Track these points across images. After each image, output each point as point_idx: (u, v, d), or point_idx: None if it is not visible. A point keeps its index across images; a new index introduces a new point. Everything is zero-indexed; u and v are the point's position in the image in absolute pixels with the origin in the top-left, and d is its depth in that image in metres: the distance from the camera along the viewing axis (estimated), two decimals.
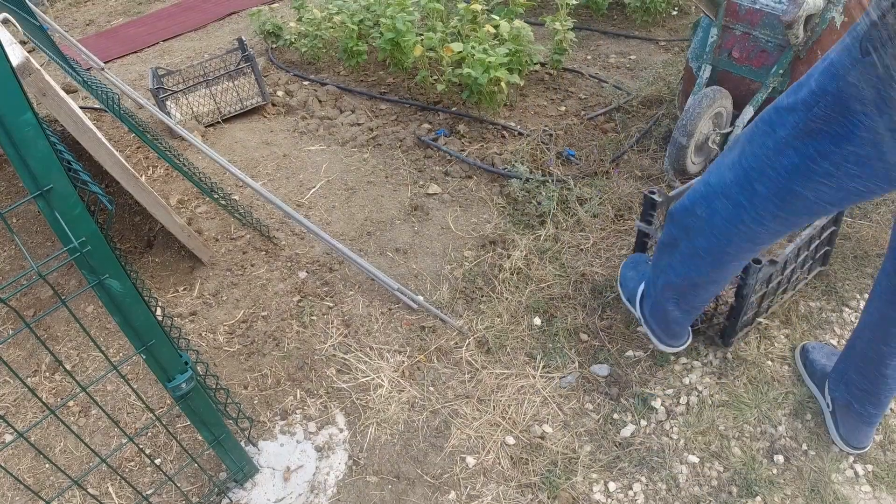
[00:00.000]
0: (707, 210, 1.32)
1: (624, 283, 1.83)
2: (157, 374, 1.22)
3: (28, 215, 2.65)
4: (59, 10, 5.64)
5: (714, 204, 1.30)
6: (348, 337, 1.94)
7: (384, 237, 2.31)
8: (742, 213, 1.24)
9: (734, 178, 1.24)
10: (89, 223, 0.98)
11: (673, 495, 1.48)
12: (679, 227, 1.42)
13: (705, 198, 1.32)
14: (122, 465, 1.68)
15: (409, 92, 3.21)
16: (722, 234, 1.30)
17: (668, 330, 1.64)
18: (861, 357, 1.42)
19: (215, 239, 2.38)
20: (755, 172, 1.19)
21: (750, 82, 2.22)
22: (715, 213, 1.30)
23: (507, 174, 2.48)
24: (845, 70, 1.00)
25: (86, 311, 2.15)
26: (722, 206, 1.28)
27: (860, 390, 1.44)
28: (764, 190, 1.19)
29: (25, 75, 1.56)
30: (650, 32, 3.54)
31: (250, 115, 3.18)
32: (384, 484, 1.57)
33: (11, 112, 0.85)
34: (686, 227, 1.39)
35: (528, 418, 1.67)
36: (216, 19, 4.73)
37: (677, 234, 1.43)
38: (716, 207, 1.29)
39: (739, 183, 1.23)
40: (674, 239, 1.45)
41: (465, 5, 2.93)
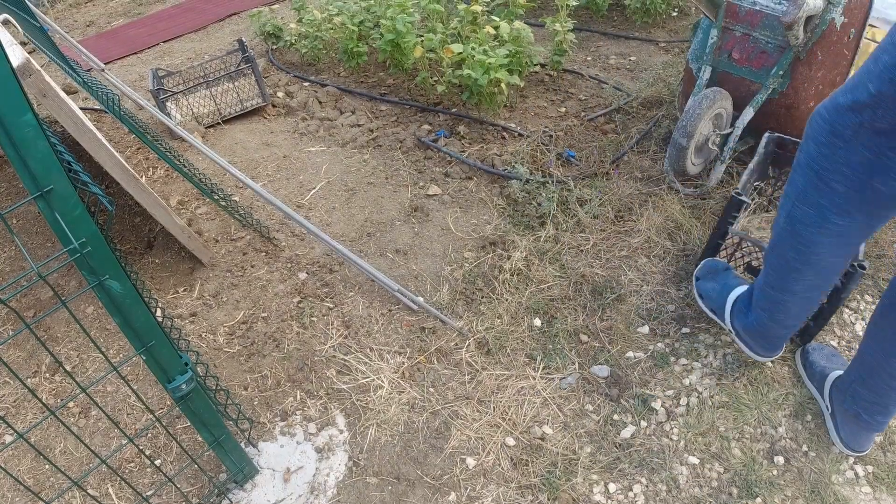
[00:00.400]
0: (787, 219, 1.31)
1: (706, 295, 1.78)
2: (157, 375, 1.22)
3: (28, 216, 2.65)
4: (59, 11, 5.64)
5: (793, 212, 1.29)
6: (348, 338, 1.94)
7: (384, 238, 2.31)
8: (825, 212, 1.23)
9: (808, 182, 1.24)
10: (89, 224, 0.98)
11: (673, 496, 1.47)
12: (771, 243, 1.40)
13: (783, 207, 1.32)
14: (122, 466, 1.68)
15: (409, 93, 3.22)
16: (809, 240, 1.29)
17: (766, 343, 1.61)
18: (869, 370, 1.40)
19: (215, 240, 2.38)
20: (827, 172, 1.19)
21: (750, 83, 2.22)
22: (796, 220, 1.29)
23: (508, 175, 2.48)
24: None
25: (86, 312, 2.15)
26: (802, 213, 1.27)
27: (869, 402, 1.42)
28: (841, 188, 1.19)
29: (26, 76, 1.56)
30: (650, 33, 3.54)
31: (250, 117, 3.18)
32: (384, 485, 1.56)
33: (12, 113, 0.85)
34: (772, 240, 1.38)
35: (528, 419, 1.67)
36: (216, 20, 4.73)
37: (766, 248, 1.42)
38: (796, 215, 1.28)
39: (814, 185, 1.22)
40: (765, 254, 1.43)
41: (465, 6, 2.93)
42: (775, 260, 1.40)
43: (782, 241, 1.35)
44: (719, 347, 1.77)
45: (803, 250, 1.31)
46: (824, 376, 1.58)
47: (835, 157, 1.18)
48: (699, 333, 1.82)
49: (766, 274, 1.45)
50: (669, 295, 1.94)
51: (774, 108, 2.21)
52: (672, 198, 2.26)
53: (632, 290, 1.98)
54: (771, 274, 1.43)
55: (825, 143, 1.19)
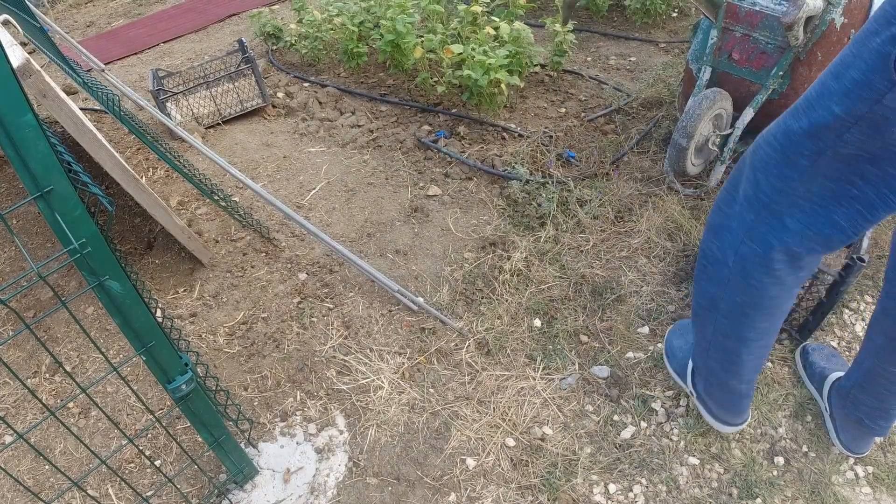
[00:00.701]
0: (737, 258, 1.17)
1: (671, 354, 1.66)
2: (157, 376, 1.22)
3: (28, 216, 2.65)
4: (59, 11, 5.64)
5: (741, 250, 1.15)
6: (348, 338, 1.94)
7: (384, 239, 2.31)
8: (775, 253, 1.11)
9: (757, 217, 1.10)
10: (89, 224, 0.98)
11: (673, 497, 1.47)
12: (713, 284, 1.26)
13: (731, 245, 1.17)
14: (121, 466, 1.68)
15: (409, 93, 3.22)
16: (760, 281, 1.16)
17: (728, 406, 1.47)
18: (868, 376, 1.35)
19: (215, 240, 2.38)
20: (780, 206, 1.06)
21: (750, 84, 2.22)
22: (745, 259, 1.15)
23: (508, 176, 2.48)
24: (879, 94, 0.89)
25: (86, 313, 2.15)
26: (750, 251, 1.13)
27: (870, 407, 1.38)
28: (797, 224, 1.06)
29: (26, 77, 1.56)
30: (650, 34, 3.54)
31: (250, 117, 3.18)
32: (384, 486, 1.56)
33: (12, 113, 0.85)
34: (719, 282, 1.24)
35: (528, 420, 1.67)
36: (216, 21, 4.73)
37: (714, 292, 1.27)
38: (744, 253, 1.15)
39: (765, 221, 1.10)
40: (711, 300, 1.29)
41: (465, 7, 2.93)
42: (724, 306, 1.25)
43: (730, 285, 1.21)
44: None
45: (755, 293, 1.18)
46: (824, 377, 1.58)
47: (789, 190, 1.05)
48: None
49: (714, 321, 1.30)
50: (669, 295, 1.94)
51: (774, 109, 2.21)
52: (672, 198, 2.26)
53: (632, 290, 1.98)
54: (720, 321, 1.29)
55: (776, 174, 1.06)
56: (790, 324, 1.75)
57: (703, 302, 1.32)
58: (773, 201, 1.08)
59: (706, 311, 1.32)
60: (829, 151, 0.98)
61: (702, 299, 1.33)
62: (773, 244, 1.10)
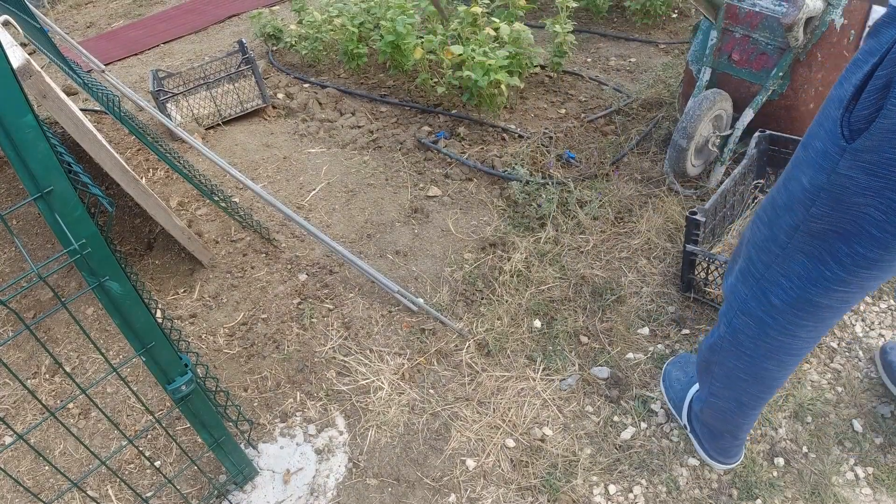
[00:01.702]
0: (728, 329, 1.18)
1: (669, 385, 1.63)
2: (156, 377, 1.22)
3: (28, 217, 2.65)
4: (59, 12, 5.65)
5: (734, 322, 1.16)
6: (348, 339, 1.94)
7: (384, 239, 2.31)
8: (767, 329, 1.10)
9: (749, 292, 1.10)
10: (89, 225, 0.98)
11: (673, 498, 1.47)
12: (708, 350, 1.28)
13: (725, 315, 1.19)
14: (121, 467, 1.68)
15: (409, 94, 3.22)
16: (752, 352, 1.16)
17: (720, 448, 1.47)
18: None
19: (215, 241, 2.38)
20: (767, 283, 1.06)
21: (750, 85, 2.23)
22: (738, 331, 1.16)
23: (508, 177, 2.48)
24: (833, 161, 0.86)
25: (86, 314, 2.15)
26: (743, 324, 1.14)
27: None
28: (780, 302, 1.05)
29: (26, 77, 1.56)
30: (650, 35, 3.54)
31: (251, 118, 3.18)
32: (384, 486, 1.56)
33: (12, 114, 0.85)
34: (712, 348, 1.25)
35: (528, 421, 1.67)
36: (216, 22, 4.74)
37: (708, 357, 1.29)
38: (737, 325, 1.16)
39: (756, 297, 1.09)
40: (706, 362, 1.31)
41: (465, 8, 2.94)
42: (718, 371, 1.27)
43: (723, 352, 1.22)
44: None
45: (748, 361, 1.19)
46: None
47: (773, 267, 1.04)
48: (699, 335, 1.82)
49: (709, 383, 1.32)
50: (669, 296, 1.94)
51: (774, 110, 2.21)
52: (672, 199, 2.26)
53: (632, 291, 1.98)
54: (714, 384, 1.30)
55: (763, 248, 1.04)
56: None
57: (700, 363, 1.35)
58: (762, 276, 1.07)
59: (703, 373, 1.35)
60: (803, 226, 0.95)
61: (700, 360, 1.35)
62: (766, 321, 1.10)
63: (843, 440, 1.53)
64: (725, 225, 2.00)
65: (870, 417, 1.57)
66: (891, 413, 1.57)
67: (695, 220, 1.77)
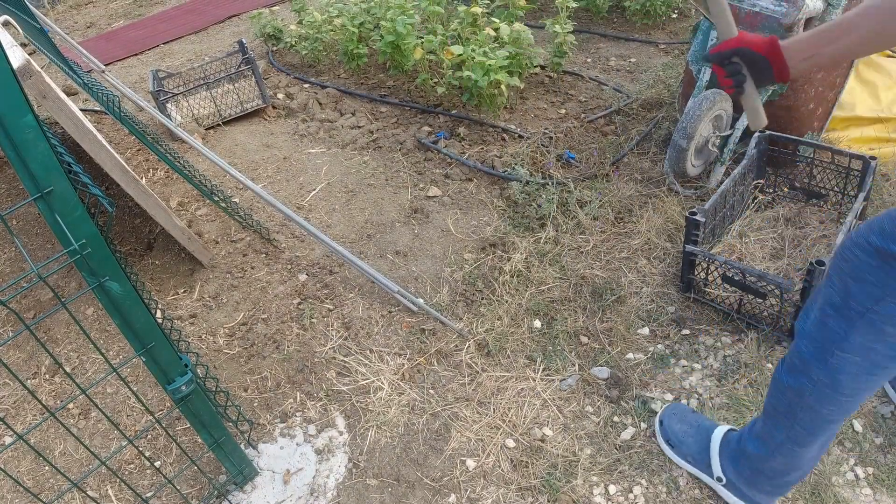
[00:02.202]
0: (825, 370, 1.10)
1: (675, 441, 1.52)
2: (156, 377, 1.22)
3: (28, 217, 2.66)
4: (59, 12, 5.65)
5: (832, 362, 1.09)
6: (348, 339, 1.94)
7: (384, 240, 2.31)
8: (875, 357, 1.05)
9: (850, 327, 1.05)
10: (89, 225, 0.98)
11: (673, 498, 1.47)
12: (792, 393, 1.19)
13: (815, 356, 1.11)
14: (121, 467, 1.68)
15: (409, 94, 3.22)
16: (853, 390, 1.10)
17: (773, 492, 1.38)
18: None
19: (215, 241, 2.38)
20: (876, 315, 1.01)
21: None
22: (838, 370, 1.09)
23: (508, 177, 2.48)
24: None
25: (86, 314, 2.15)
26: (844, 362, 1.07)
27: None
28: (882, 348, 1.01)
29: (26, 77, 1.56)
30: (650, 35, 3.54)
31: (251, 118, 3.18)
32: (384, 487, 1.56)
33: (12, 114, 0.85)
34: (799, 392, 1.17)
35: (528, 421, 1.67)
36: (216, 22, 4.74)
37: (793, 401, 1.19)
38: (836, 365, 1.08)
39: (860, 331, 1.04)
40: (789, 408, 1.21)
41: (465, 8, 2.94)
42: (805, 415, 1.18)
43: (816, 396, 1.14)
44: (719, 349, 1.77)
45: (845, 402, 1.12)
46: None
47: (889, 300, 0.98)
48: (699, 335, 1.82)
49: (789, 428, 1.23)
50: (669, 296, 1.94)
51: (774, 110, 2.21)
52: (672, 199, 2.26)
53: (632, 291, 1.98)
54: (796, 429, 1.21)
55: (874, 282, 0.98)
56: (781, 331, 1.76)
57: (778, 406, 1.24)
58: (868, 310, 1.00)
59: (783, 417, 1.24)
60: None
61: (777, 402, 1.25)
62: (876, 349, 1.03)
63: (843, 440, 1.53)
64: (725, 225, 2.00)
65: (870, 417, 1.57)
66: (891, 413, 1.57)
67: (695, 221, 1.77)
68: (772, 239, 1.95)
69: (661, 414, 1.59)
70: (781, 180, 2.12)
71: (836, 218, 2.01)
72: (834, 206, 2.04)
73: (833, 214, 2.03)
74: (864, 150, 2.24)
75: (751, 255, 1.90)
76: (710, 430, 1.47)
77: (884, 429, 1.54)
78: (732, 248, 1.93)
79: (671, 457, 1.53)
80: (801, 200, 2.09)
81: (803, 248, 1.91)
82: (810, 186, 2.05)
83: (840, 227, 1.73)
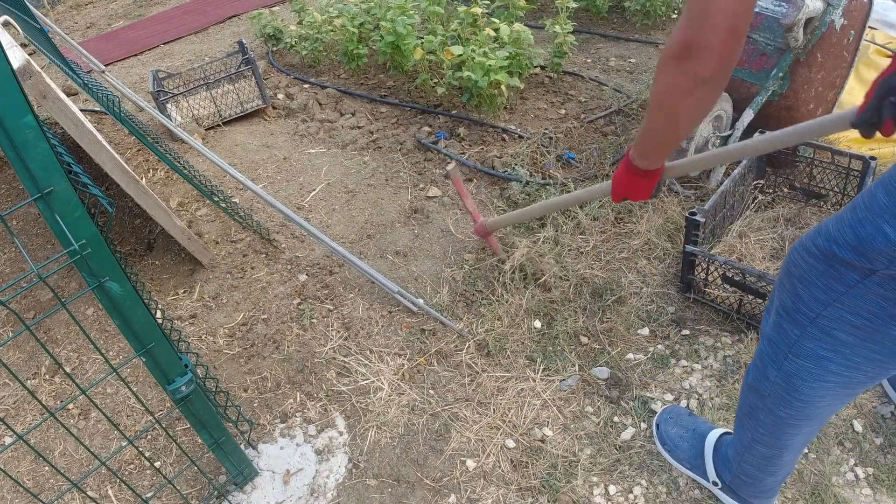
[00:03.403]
0: (780, 373, 1.10)
1: (671, 446, 1.53)
2: (156, 377, 1.22)
3: (28, 217, 2.66)
4: (59, 12, 5.65)
5: (786, 366, 1.08)
6: (348, 340, 1.94)
7: (384, 240, 2.31)
8: (827, 365, 1.02)
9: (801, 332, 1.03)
10: (89, 225, 0.98)
11: (673, 499, 1.47)
12: (753, 393, 1.20)
13: (771, 359, 1.11)
14: (121, 467, 1.68)
15: (409, 95, 3.22)
16: (808, 395, 1.08)
17: (761, 495, 1.38)
18: None
19: (215, 242, 2.38)
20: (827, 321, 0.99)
21: (750, 85, 2.23)
22: (791, 374, 1.08)
23: (508, 177, 2.48)
24: None
25: (86, 314, 2.15)
26: (797, 367, 1.06)
27: None
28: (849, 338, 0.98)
29: (26, 78, 1.56)
30: (650, 35, 3.54)
31: (251, 118, 3.18)
32: (384, 487, 1.56)
33: (12, 115, 0.85)
34: (759, 393, 1.17)
35: (528, 421, 1.67)
36: (216, 22, 4.74)
37: (754, 403, 1.20)
38: (790, 369, 1.07)
39: (811, 337, 1.01)
40: (751, 408, 1.22)
41: (465, 8, 2.94)
42: (765, 418, 1.18)
43: (773, 398, 1.14)
44: (719, 349, 1.77)
45: (802, 406, 1.11)
46: None
47: (836, 305, 0.97)
48: (699, 335, 1.82)
49: (753, 430, 1.23)
50: (669, 297, 1.94)
51: (774, 110, 2.21)
52: (672, 199, 2.26)
53: (632, 291, 1.98)
54: (759, 431, 1.22)
55: (821, 286, 0.98)
56: None
57: (743, 407, 1.26)
58: (818, 315, 0.99)
59: (747, 417, 1.25)
60: (883, 272, 0.89)
61: (742, 404, 1.26)
62: (827, 357, 1.01)
63: (843, 440, 1.53)
64: (725, 225, 2.00)
65: (870, 418, 1.57)
66: (891, 413, 1.57)
67: (694, 221, 1.77)
68: (772, 239, 1.95)
69: (658, 417, 1.59)
70: (781, 180, 2.12)
71: None
72: (834, 206, 2.04)
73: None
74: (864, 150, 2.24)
75: (751, 255, 1.90)
76: (704, 434, 1.47)
77: (884, 429, 1.54)
78: (732, 248, 1.93)
79: (669, 460, 1.54)
80: (800, 201, 2.09)
81: None
82: (810, 187, 2.05)
83: None
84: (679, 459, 1.51)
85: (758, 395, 1.17)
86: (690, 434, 1.50)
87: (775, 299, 1.09)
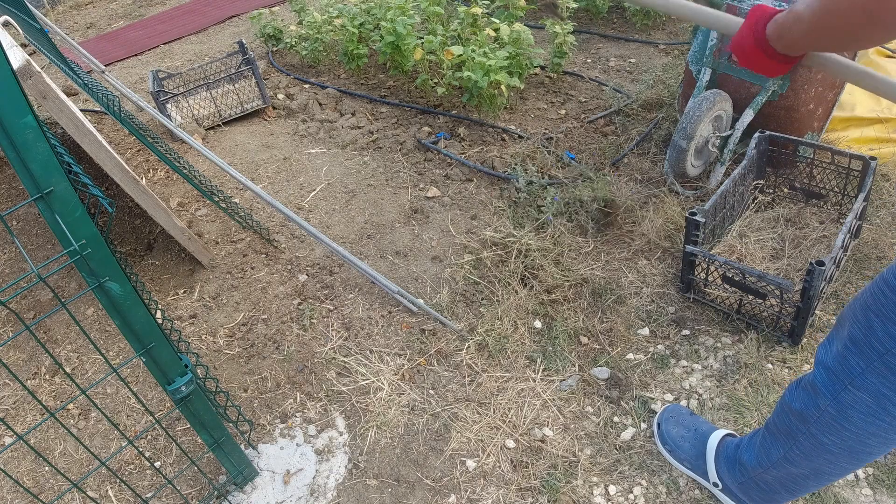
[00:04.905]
0: (835, 403, 1.07)
1: (673, 446, 1.52)
2: (156, 377, 1.22)
3: (28, 218, 2.65)
4: (59, 13, 5.65)
5: (843, 397, 1.05)
6: (348, 340, 1.94)
7: (384, 240, 2.31)
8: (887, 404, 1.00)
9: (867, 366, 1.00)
10: (89, 226, 0.98)
11: (673, 499, 1.47)
12: (796, 416, 1.17)
13: (827, 387, 1.08)
14: (121, 468, 1.68)
15: (409, 95, 3.22)
16: (860, 429, 1.06)
17: (769, 499, 1.36)
18: None
19: (215, 242, 2.38)
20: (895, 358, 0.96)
21: (750, 85, 2.23)
22: (847, 406, 1.05)
23: (508, 177, 2.48)
24: None
25: (86, 314, 2.15)
26: (855, 399, 1.03)
27: None
28: None
29: (26, 78, 1.56)
30: (650, 36, 3.54)
31: (251, 118, 3.18)
32: (384, 487, 1.56)
33: (12, 115, 0.85)
34: (804, 418, 1.14)
35: (528, 421, 1.67)
36: (216, 22, 4.74)
37: (796, 425, 1.17)
38: (846, 400, 1.05)
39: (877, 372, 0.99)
40: (790, 428, 1.19)
41: (465, 9, 2.94)
42: (805, 441, 1.15)
43: (820, 425, 1.11)
44: (719, 350, 1.77)
45: (849, 437, 1.08)
46: None
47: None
48: (699, 335, 1.82)
49: (788, 448, 1.21)
50: (669, 297, 1.94)
51: (774, 110, 2.21)
52: (672, 200, 2.26)
53: (632, 291, 1.98)
54: (794, 451, 1.19)
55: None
56: (780, 331, 1.76)
57: (780, 425, 1.22)
58: (888, 351, 0.96)
59: (783, 436, 1.22)
60: None
61: (780, 421, 1.22)
62: (889, 396, 0.99)
63: None
64: (725, 225, 2.00)
65: None
66: None
67: (694, 221, 1.77)
68: (772, 239, 1.95)
69: (659, 417, 1.59)
70: (781, 181, 2.12)
71: (836, 218, 2.02)
72: (834, 206, 2.04)
73: (833, 215, 2.03)
74: (864, 150, 2.24)
75: (751, 255, 1.90)
76: (706, 435, 1.47)
77: None
78: (732, 248, 1.93)
79: (669, 460, 1.54)
80: (801, 201, 2.09)
81: (803, 249, 1.91)
82: (810, 187, 2.05)
83: (840, 228, 1.73)
84: (680, 459, 1.51)
85: (801, 419, 1.15)
86: (692, 434, 1.50)
87: (845, 330, 1.06)
